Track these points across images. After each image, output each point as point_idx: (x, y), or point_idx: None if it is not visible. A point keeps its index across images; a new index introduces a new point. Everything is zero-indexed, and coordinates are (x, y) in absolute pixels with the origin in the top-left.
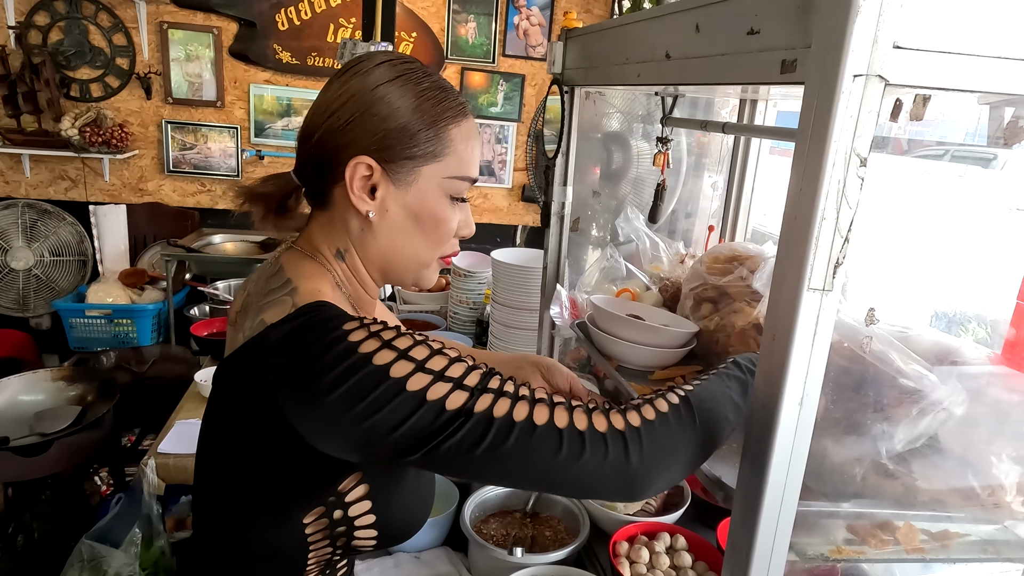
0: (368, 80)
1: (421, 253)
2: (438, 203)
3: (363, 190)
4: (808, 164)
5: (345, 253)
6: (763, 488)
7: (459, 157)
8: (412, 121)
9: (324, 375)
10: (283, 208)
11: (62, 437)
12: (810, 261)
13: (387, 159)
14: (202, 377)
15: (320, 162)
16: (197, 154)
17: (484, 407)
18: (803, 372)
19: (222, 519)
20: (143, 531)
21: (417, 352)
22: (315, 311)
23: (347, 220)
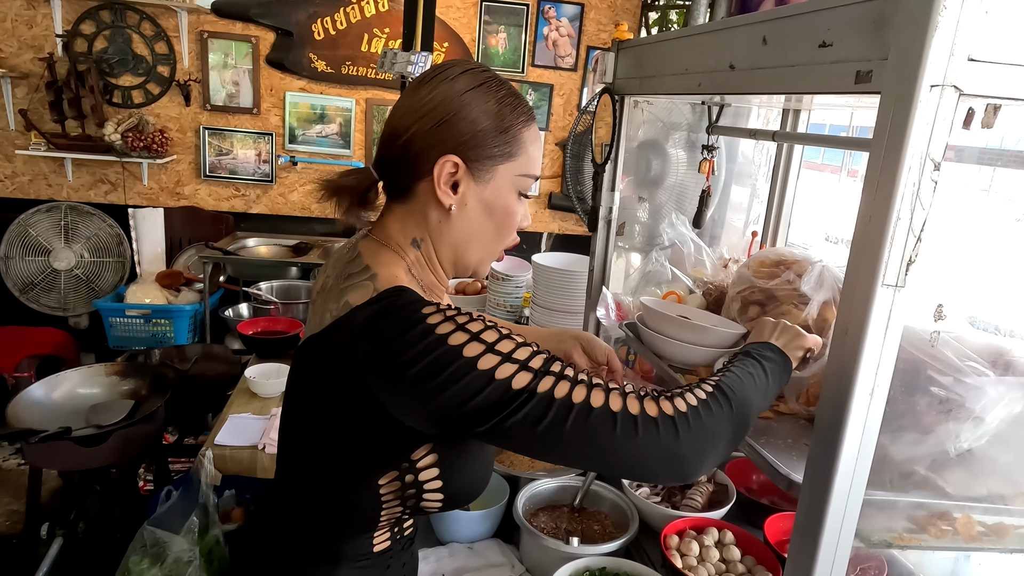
0: (455, 87)
1: (490, 243)
2: (509, 198)
3: (447, 185)
4: (884, 168)
5: (421, 242)
6: (833, 475)
7: (529, 157)
8: (494, 125)
9: (405, 352)
10: (364, 200)
11: (119, 429)
12: (884, 259)
13: (471, 158)
14: (252, 373)
15: (407, 160)
16: (232, 159)
17: (546, 388)
18: (874, 364)
19: (305, 480)
20: (200, 520)
21: (487, 335)
22: (396, 295)
23: (427, 212)
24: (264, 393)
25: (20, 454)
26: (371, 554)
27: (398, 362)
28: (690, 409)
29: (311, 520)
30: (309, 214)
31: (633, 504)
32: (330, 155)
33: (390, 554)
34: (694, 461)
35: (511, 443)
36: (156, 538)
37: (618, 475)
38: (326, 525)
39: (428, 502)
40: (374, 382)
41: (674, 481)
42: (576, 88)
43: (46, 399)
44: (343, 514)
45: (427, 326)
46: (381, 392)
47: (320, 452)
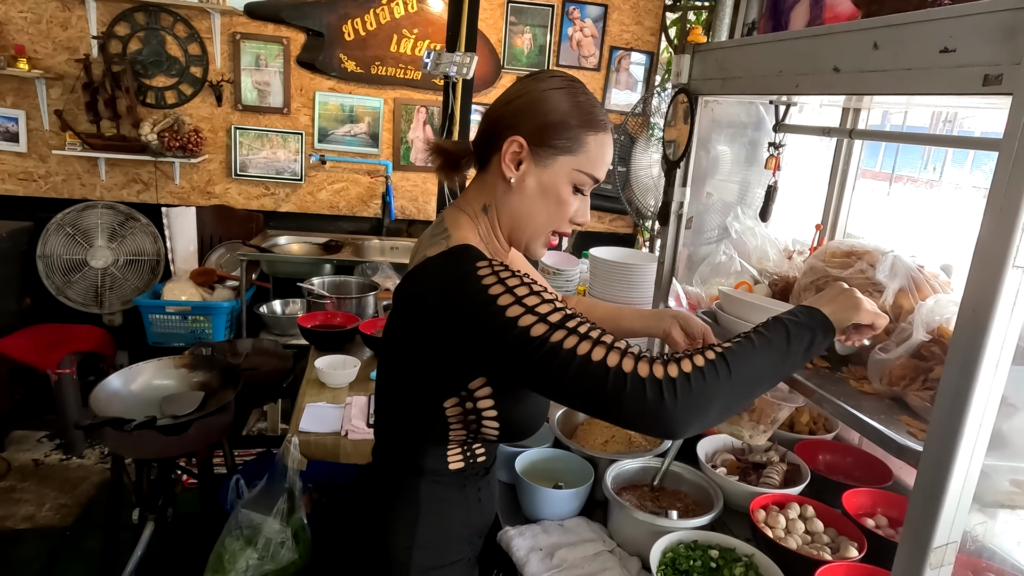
0: (540, 85)
1: (540, 222)
2: (563, 187)
3: (512, 161)
4: (1016, 162)
5: (488, 208)
6: (957, 442)
7: (589, 157)
8: (562, 121)
9: (459, 293)
10: (455, 165)
11: (200, 418)
12: (1016, 242)
13: (535, 143)
14: (321, 365)
15: (490, 135)
16: (263, 159)
17: (557, 339)
18: (1000, 340)
19: (393, 403)
20: (287, 503)
21: (519, 290)
22: (461, 250)
23: (495, 182)
24: (333, 384)
25: (61, 449)
26: (447, 471)
27: (452, 301)
28: (681, 375)
29: (399, 438)
30: (337, 212)
31: (715, 483)
32: (359, 154)
33: (465, 475)
34: (679, 424)
35: (533, 382)
36: (250, 520)
37: (615, 423)
38: (409, 442)
39: (487, 429)
40: (436, 315)
41: (662, 436)
42: (600, 87)
43: (125, 390)
44: (419, 432)
45: (477, 276)
46: (440, 324)
47: (402, 378)
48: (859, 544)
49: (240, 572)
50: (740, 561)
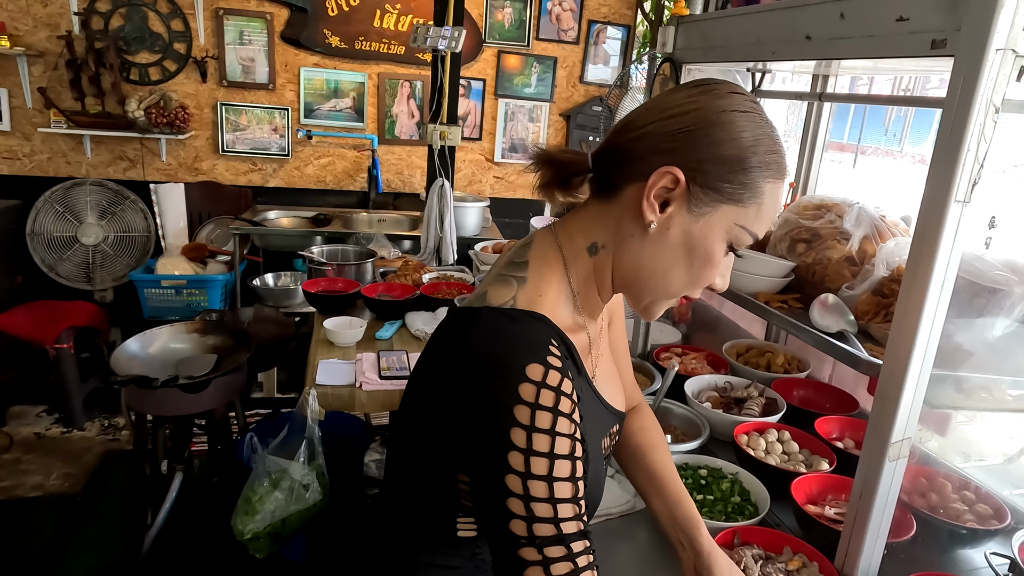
0: (719, 102)
1: (674, 283)
2: (717, 245)
3: (657, 199)
4: (957, 112)
5: (601, 249)
6: (911, 351)
7: (760, 212)
8: (740, 158)
9: (484, 394)
10: (567, 182)
11: (218, 376)
12: (956, 180)
13: (697, 181)
14: (329, 325)
15: (630, 156)
16: (249, 134)
17: (522, 555)
18: (945, 263)
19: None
20: (308, 450)
21: (536, 465)
22: (523, 324)
23: (622, 220)
24: (341, 342)
25: (61, 423)
26: (454, 539)
27: (478, 397)
28: None
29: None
30: (324, 186)
31: (702, 415)
32: (344, 128)
33: (476, 542)
34: None
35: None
36: (277, 465)
37: None
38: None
39: None
40: (455, 392)
41: None
42: (578, 61)
43: (143, 353)
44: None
45: (515, 392)
46: (454, 405)
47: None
48: (830, 459)
49: (268, 513)
50: (726, 478)
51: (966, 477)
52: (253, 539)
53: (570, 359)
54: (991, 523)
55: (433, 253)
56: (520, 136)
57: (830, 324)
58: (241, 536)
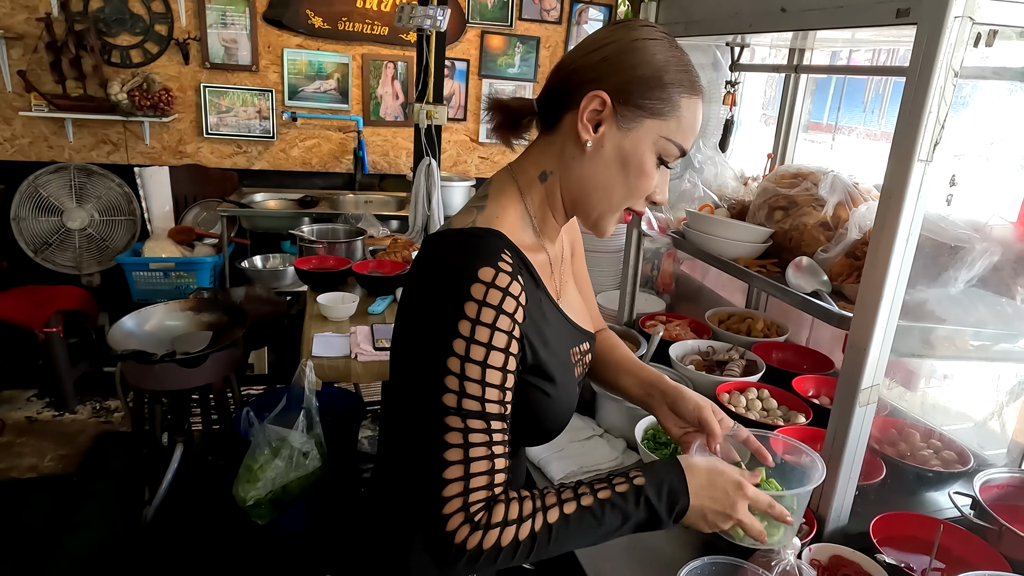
0: (632, 33)
1: (614, 196)
2: (648, 156)
3: (590, 121)
4: (920, 77)
5: (548, 176)
6: (879, 301)
7: (680, 124)
8: (653, 76)
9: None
10: (515, 124)
11: (215, 351)
12: (919, 140)
13: (621, 100)
14: (323, 300)
15: (564, 89)
16: (233, 117)
17: (443, 423)
18: (910, 218)
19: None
20: (307, 419)
21: (475, 351)
22: (480, 238)
23: (564, 146)
24: (335, 317)
25: (53, 406)
26: None
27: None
28: (489, 552)
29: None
30: (310, 168)
31: (686, 376)
32: (329, 110)
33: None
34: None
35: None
36: (277, 434)
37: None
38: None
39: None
40: (407, 293)
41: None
42: (561, 40)
43: (139, 330)
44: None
45: (467, 290)
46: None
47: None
48: (806, 414)
49: (270, 480)
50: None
51: (933, 427)
52: (255, 506)
53: (525, 270)
54: (955, 466)
55: (421, 231)
56: None
57: (804, 284)
58: (243, 503)
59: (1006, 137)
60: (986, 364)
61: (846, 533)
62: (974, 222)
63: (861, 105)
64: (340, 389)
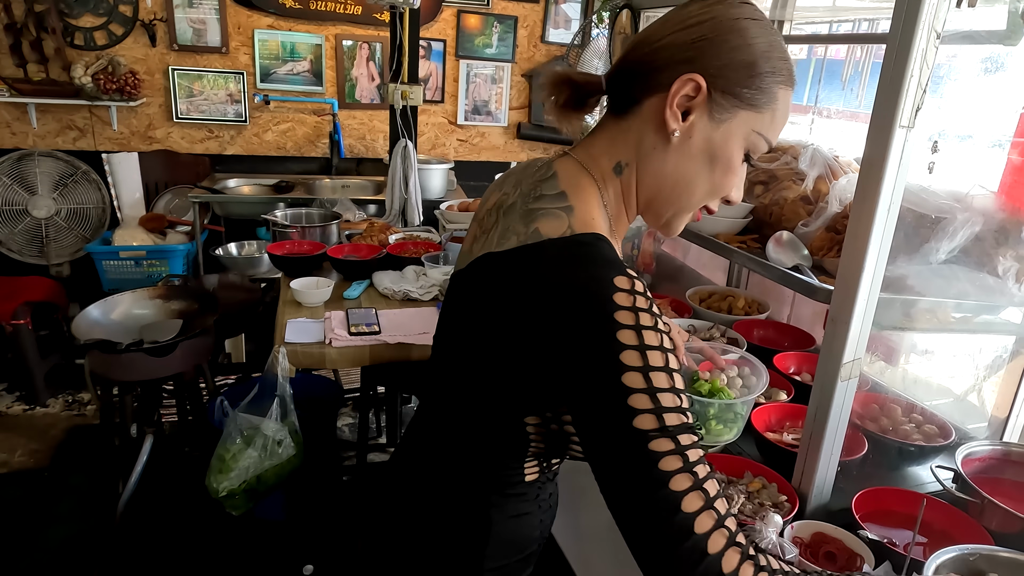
0: (733, 11)
1: (696, 193)
2: (737, 152)
3: (680, 107)
4: (902, 37)
5: (625, 168)
6: (860, 273)
7: (774, 118)
8: (754, 63)
9: (579, 314)
10: (581, 103)
11: (185, 339)
12: (901, 106)
13: (718, 87)
14: (296, 286)
15: (647, 69)
16: (204, 100)
17: (656, 448)
18: (891, 186)
19: (454, 408)
20: (281, 407)
21: (653, 357)
22: (592, 246)
23: (643, 134)
24: (309, 302)
25: (23, 400)
26: (522, 483)
27: (566, 325)
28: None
29: (462, 449)
30: (285, 153)
31: None
32: (303, 92)
33: (539, 483)
34: None
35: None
36: (249, 422)
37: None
38: (474, 454)
39: (573, 451)
40: (543, 327)
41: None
42: (539, 20)
43: (105, 319)
44: (490, 443)
45: (612, 302)
46: (545, 339)
47: (474, 380)
48: (788, 391)
49: (243, 470)
50: None
51: (915, 402)
52: (229, 496)
53: None
54: (937, 440)
55: (399, 215)
56: (483, 98)
57: (785, 259)
58: (216, 494)
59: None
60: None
61: (828, 510)
62: (955, 192)
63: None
64: (317, 376)
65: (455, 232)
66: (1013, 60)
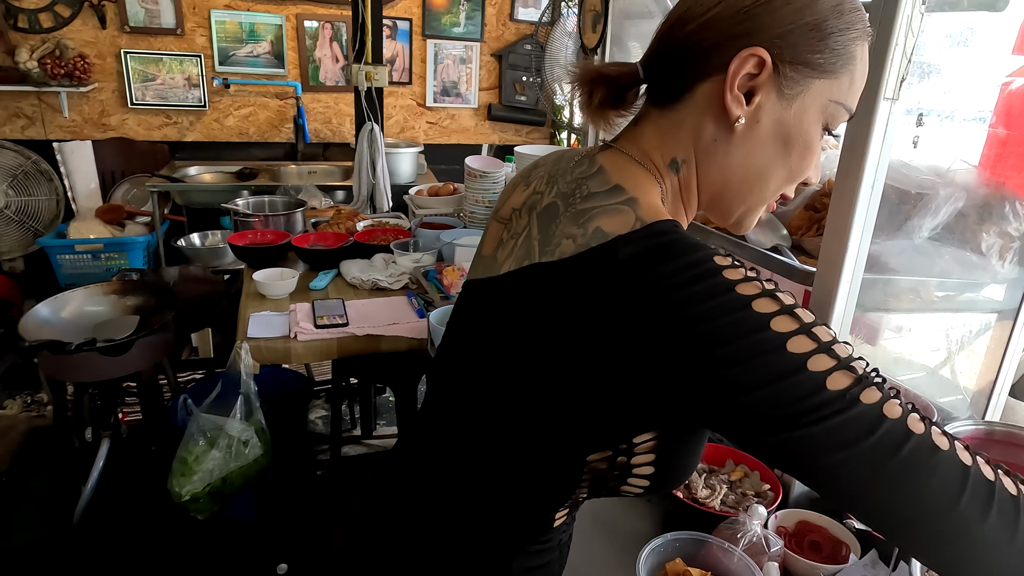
0: None
1: (771, 183)
2: (814, 128)
3: (741, 89)
4: (886, 4)
5: (682, 164)
6: (843, 254)
7: (853, 81)
8: (827, 21)
9: (693, 305)
10: (621, 98)
11: (141, 337)
12: (885, 77)
13: (785, 59)
14: (260, 277)
15: (695, 51)
16: (160, 85)
17: (872, 400)
18: (876, 160)
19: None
20: (245, 405)
21: (801, 312)
22: (673, 232)
23: (700, 125)
24: (273, 294)
25: None
26: (548, 530)
27: (680, 315)
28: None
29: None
30: (248, 139)
31: None
32: (264, 75)
33: (564, 527)
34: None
35: (794, 463)
36: (212, 423)
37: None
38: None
39: (629, 486)
40: (641, 336)
41: None
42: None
43: (55, 317)
44: (530, 488)
45: (725, 280)
46: (647, 349)
47: (517, 422)
48: None
49: (207, 472)
50: None
51: (896, 383)
52: (192, 500)
53: None
54: None
55: (367, 201)
56: (452, 79)
57: (763, 239)
58: (179, 498)
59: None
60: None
61: (812, 497)
62: (936, 167)
63: None
64: (286, 370)
65: (425, 218)
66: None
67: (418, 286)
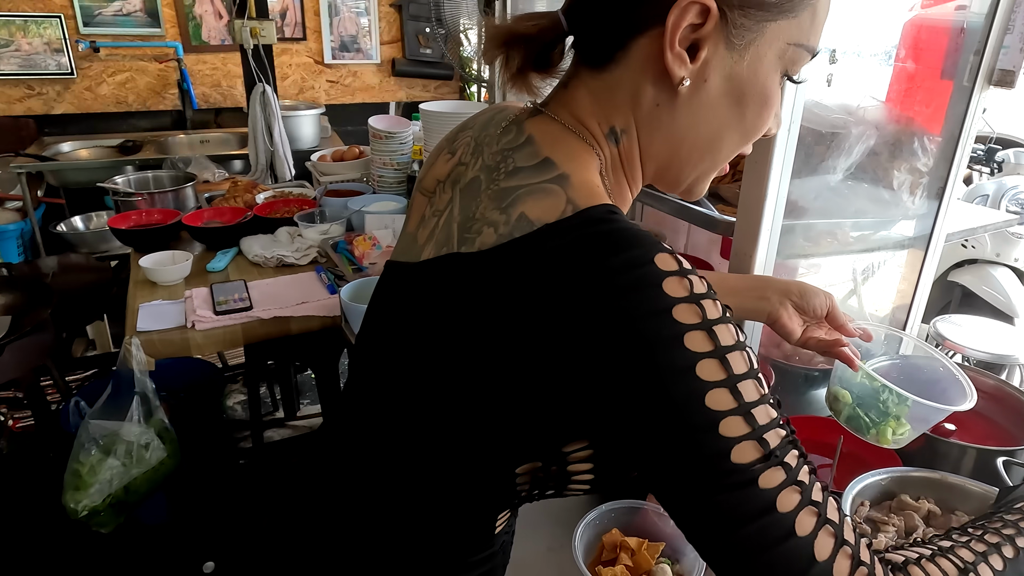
0: None
1: (725, 146)
2: (771, 78)
3: (683, 43)
4: None
5: (622, 135)
6: (763, 200)
7: (815, 15)
8: None
9: (621, 320)
10: (545, 61)
11: (11, 341)
12: None
13: (733, 3)
14: (147, 263)
15: (627, 1)
16: (16, 51)
17: (770, 485)
18: (791, 102)
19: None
20: (142, 407)
21: (733, 358)
22: (607, 221)
23: (639, 89)
24: (164, 280)
25: None
26: (490, 537)
27: (609, 328)
28: None
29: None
30: (128, 108)
31: None
32: (138, 36)
33: (507, 529)
34: None
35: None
36: (103, 429)
37: None
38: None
39: (575, 486)
40: (561, 342)
41: None
42: None
43: None
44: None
45: (662, 295)
46: (565, 357)
47: (443, 412)
48: None
49: (105, 484)
50: None
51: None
52: (91, 515)
53: None
54: None
55: (267, 170)
56: (350, 32)
57: None
58: (76, 514)
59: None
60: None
61: None
62: (846, 105)
63: None
64: (194, 359)
65: (331, 185)
66: None
67: (327, 260)
